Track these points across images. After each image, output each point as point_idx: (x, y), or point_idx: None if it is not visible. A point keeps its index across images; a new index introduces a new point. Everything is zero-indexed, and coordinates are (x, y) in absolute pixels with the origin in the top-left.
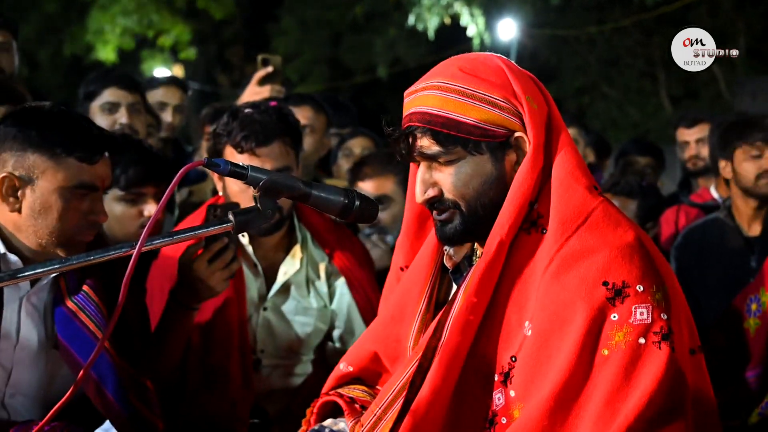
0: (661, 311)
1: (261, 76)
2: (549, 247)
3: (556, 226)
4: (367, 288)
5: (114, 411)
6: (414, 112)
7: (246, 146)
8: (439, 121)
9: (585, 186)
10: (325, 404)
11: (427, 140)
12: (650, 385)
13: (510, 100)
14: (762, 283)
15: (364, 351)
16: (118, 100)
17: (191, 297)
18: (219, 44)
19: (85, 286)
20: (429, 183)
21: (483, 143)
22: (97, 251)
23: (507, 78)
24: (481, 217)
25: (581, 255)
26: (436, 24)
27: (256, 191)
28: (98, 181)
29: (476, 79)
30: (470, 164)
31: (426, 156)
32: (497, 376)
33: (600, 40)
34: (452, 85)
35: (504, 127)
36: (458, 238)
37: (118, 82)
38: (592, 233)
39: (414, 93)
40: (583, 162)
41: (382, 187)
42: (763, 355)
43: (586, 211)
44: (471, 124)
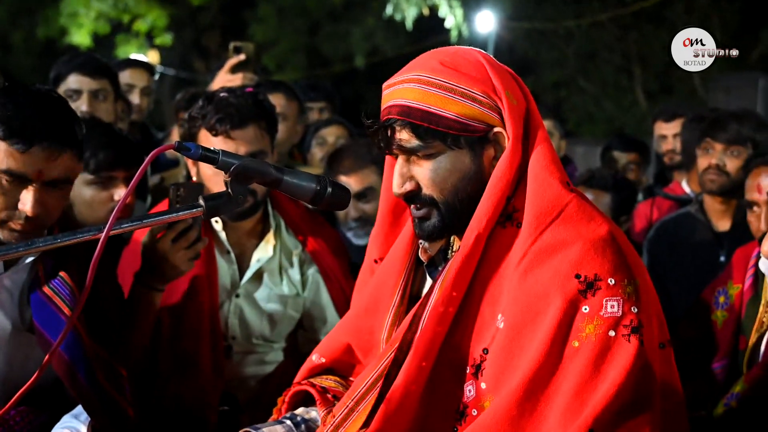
0: (632, 305)
1: (233, 63)
2: (523, 240)
3: (531, 220)
4: (339, 277)
5: (86, 395)
6: (393, 104)
7: (221, 129)
8: (419, 114)
9: (559, 180)
10: (297, 393)
11: (407, 133)
12: (618, 377)
13: (489, 95)
14: (730, 276)
15: (337, 342)
16: (80, 86)
17: (156, 278)
18: (195, 30)
19: (61, 271)
20: (407, 177)
21: (462, 138)
22: (65, 234)
23: (487, 73)
24: (458, 212)
25: (554, 248)
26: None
27: (227, 176)
28: (30, 171)
29: (456, 73)
30: (449, 159)
31: (404, 149)
32: (469, 369)
33: (578, 34)
34: (433, 78)
35: (483, 122)
36: (437, 235)
37: (81, 68)
38: (565, 227)
39: (393, 85)
40: (557, 157)
41: (365, 180)
42: (729, 347)
43: (560, 206)
44: (451, 119)
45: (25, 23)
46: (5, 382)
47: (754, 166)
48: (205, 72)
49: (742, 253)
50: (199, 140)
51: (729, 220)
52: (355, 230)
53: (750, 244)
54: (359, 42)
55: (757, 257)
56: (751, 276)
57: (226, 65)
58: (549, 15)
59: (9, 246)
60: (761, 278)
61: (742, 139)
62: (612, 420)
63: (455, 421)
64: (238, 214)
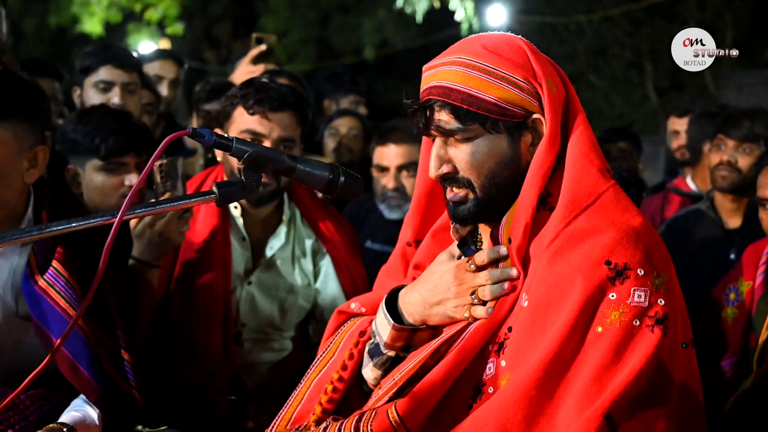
0: (659, 297)
1: (255, 54)
2: (556, 223)
3: (566, 204)
4: (352, 268)
5: (90, 387)
6: (434, 86)
7: (258, 109)
8: (460, 96)
9: (598, 168)
10: None
11: (446, 115)
12: (638, 364)
13: (530, 81)
14: (741, 273)
15: (380, 298)
16: (113, 79)
17: (153, 254)
18: (207, 20)
19: (54, 261)
20: (444, 159)
21: (501, 122)
22: (78, 219)
23: (528, 59)
24: (494, 196)
25: (587, 233)
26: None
27: (241, 163)
28: None
29: (499, 57)
30: (486, 142)
31: (443, 131)
32: (492, 346)
33: (589, 29)
34: (474, 61)
35: (522, 107)
36: (472, 219)
37: (114, 59)
38: (600, 214)
39: (434, 67)
40: (597, 145)
41: (413, 154)
42: (739, 345)
43: (597, 192)
44: (491, 102)
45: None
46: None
47: (766, 164)
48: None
49: (753, 250)
50: (232, 119)
51: (740, 217)
52: (389, 201)
53: (761, 241)
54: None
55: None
56: (763, 273)
57: (247, 56)
58: (560, 9)
59: (22, 230)
60: None
61: (754, 136)
62: (629, 406)
63: (470, 399)
64: (259, 198)
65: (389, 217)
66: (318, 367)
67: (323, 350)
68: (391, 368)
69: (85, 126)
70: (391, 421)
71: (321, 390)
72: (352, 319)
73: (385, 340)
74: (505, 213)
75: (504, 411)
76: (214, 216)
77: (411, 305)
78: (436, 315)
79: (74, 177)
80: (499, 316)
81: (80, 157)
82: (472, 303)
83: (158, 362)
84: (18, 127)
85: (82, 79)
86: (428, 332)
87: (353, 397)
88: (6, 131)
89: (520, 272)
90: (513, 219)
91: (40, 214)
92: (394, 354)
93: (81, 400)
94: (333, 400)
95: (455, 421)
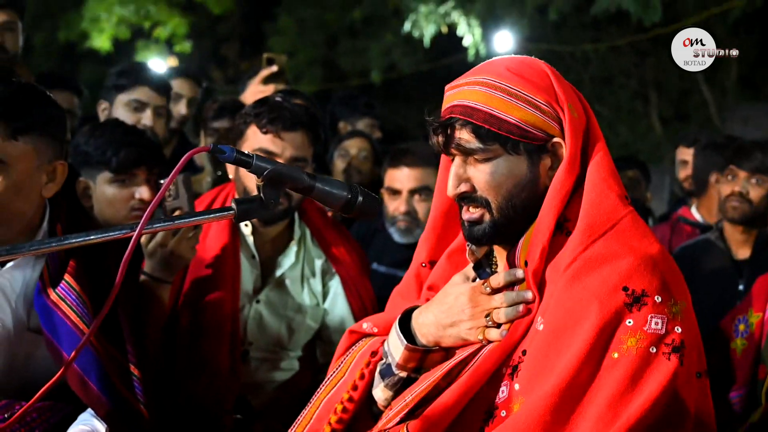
0: (676, 324)
1: (266, 75)
2: (573, 247)
3: (584, 229)
4: (361, 289)
5: (99, 402)
6: (456, 104)
7: (272, 128)
8: (482, 116)
9: (617, 194)
10: None
11: (467, 134)
12: (654, 392)
13: (552, 105)
14: (750, 304)
15: (393, 318)
16: (147, 100)
17: (165, 271)
18: (215, 39)
19: (66, 275)
20: (462, 178)
21: (521, 144)
22: (97, 231)
23: (551, 83)
24: (510, 218)
25: (605, 259)
26: (433, 32)
27: (260, 180)
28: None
29: (522, 80)
30: (506, 164)
31: (463, 150)
32: (506, 369)
33: (595, 58)
34: (498, 83)
35: (543, 130)
36: (487, 240)
37: (151, 82)
38: (618, 240)
39: (458, 87)
40: (616, 171)
41: (426, 178)
42: (747, 376)
43: (615, 218)
44: (513, 123)
45: (46, 25)
46: (8, 380)
47: None
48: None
49: (763, 281)
50: (245, 137)
51: (749, 248)
52: (399, 225)
53: None
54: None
55: None
56: None
57: (258, 76)
58: (567, 38)
59: (41, 241)
60: None
61: (766, 168)
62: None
63: (482, 422)
64: (271, 217)
65: (399, 241)
66: (328, 386)
67: (334, 370)
68: (402, 389)
69: (97, 139)
70: None
71: (330, 410)
72: (364, 339)
73: (398, 360)
74: (522, 236)
75: None
76: (225, 233)
77: (425, 326)
78: (450, 336)
79: (85, 190)
80: (513, 339)
81: (92, 170)
82: (487, 325)
83: (166, 378)
84: (38, 141)
85: (114, 95)
86: (441, 354)
87: (362, 418)
88: (27, 145)
89: (535, 295)
90: (530, 242)
91: (54, 228)
92: (405, 375)
93: (89, 413)
94: (342, 421)
95: None
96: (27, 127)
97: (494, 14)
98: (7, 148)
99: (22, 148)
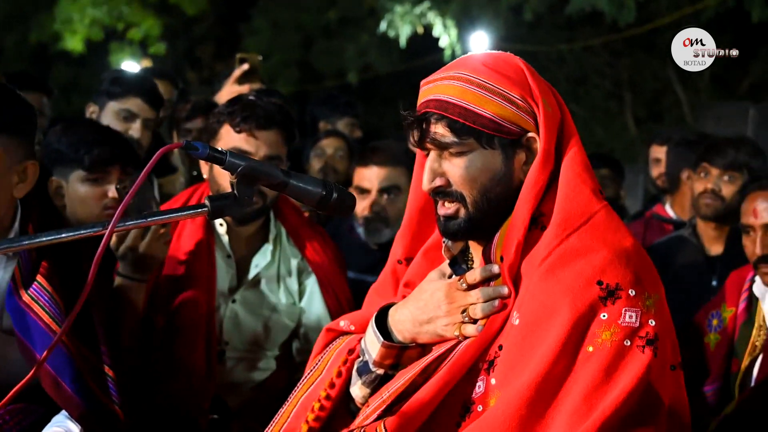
0: (650, 317)
1: (239, 74)
2: (548, 242)
3: (559, 223)
4: (337, 288)
5: (73, 403)
6: (431, 99)
7: (245, 127)
8: (456, 110)
9: (591, 188)
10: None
11: (442, 128)
12: (629, 385)
13: (527, 99)
14: (723, 299)
15: (370, 316)
16: (138, 111)
17: (138, 272)
18: (189, 41)
19: (38, 276)
20: (438, 172)
21: (496, 138)
22: (68, 229)
23: (526, 78)
24: (485, 212)
25: (579, 253)
26: (408, 32)
27: (234, 177)
28: None
29: (497, 74)
30: (481, 158)
31: (438, 144)
32: (482, 364)
33: (569, 58)
34: (473, 77)
35: (518, 125)
36: (462, 235)
37: (146, 94)
38: (592, 234)
39: (433, 81)
40: (590, 166)
41: (395, 177)
42: (721, 370)
43: (590, 212)
44: (487, 118)
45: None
46: None
47: (750, 191)
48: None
49: (736, 276)
50: (218, 137)
51: (721, 244)
52: (367, 226)
53: (744, 268)
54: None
55: (751, 281)
56: (745, 299)
57: (232, 76)
58: (542, 38)
59: (11, 239)
60: (755, 302)
61: (738, 165)
62: (619, 426)
63: (459, 417)
64: (245, 216)
65: (367, 242)
66: (305, 385)
67: (311, 368)
68: (379, 386)
69: (70, 137)
70: None
71: (308, 408)
72: (341, 337)
73: (375, 357)
74: (497, 231)
75: (494, 430)
76: (199, 233)
77: (401, 323)
78: (426, 333)
79: (57, 189)
80: (489, 334)
81: (64, 169)
82: (463, 321)
83: (142, 379)
84: (8, 141)
85: (105, 101)
86: (417, 350)
87: (340, 416)
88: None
89: (511, 290)
90: (505, 237)
91: (26, 228)
92: (382, 372)
93: (62, 415)
94: (320, 419)
95: None
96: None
97: (470, 15)
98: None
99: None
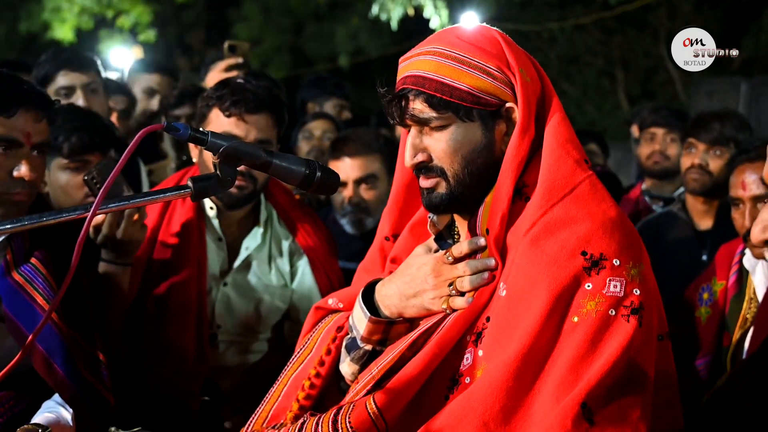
0: (634, 287)
1: (227, 65)
2: (532, 212)
3: (543, 193)
4: (328, 269)
5: (64, 385)
6: (408, 75)
7: (235, 111)
8: (433, 85)
9: (575, 159)
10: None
11: (420, 103)
12: (614, 354)
13: (503, 70)
14: (714, 272)
15: (357, 293)
16: (72, 83)
17: (120, 256)
18: (180, 27)
19: (33, 259)
20: (419, 148)
21: (474, 110)
22: (50, 213)
23: (502, 49)
24: (466, 184)
25: (563, 223)
26: (400, 15)
27: (216, 158)
28: (19, 135)
29: (472, 47)
30: (460, 131)
31: (417, 120)
32: (470, 336)
33: (561, 37)
34: (448, 51)
35: (496, 96)
36: (444, 207)
37: (69, 63)
38: (576, 204)
39: (410, 58)
40: (576, 137)
41: (370, 166)
42: (712, 344)
43: (574, 183)
44: (464, 90)
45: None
46: None
47: (738, 164)
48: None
49: (726, 249)
50: (208, 121)
51: (711, 219)
52: (350, 216)
53: (734, 241)
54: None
55: (741, 254)
56: (735, 273)
57: (220, 64)
58: (533, 17)
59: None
60: (745, 275)
61: (724, 139)
62: (605, 395)
63: (447, 389)
64: (235, 201)
65: (351, 233)
66: (295, 363)
67: (301, 347)
68: (368, 363)
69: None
70: (369, 413)
71: (298, 386)
72: (330, 315)
73: (362, 333)
74: (481, 204)
75: (481, 402)
76: (190, 216)
77: (388, 298)
78: (413, 307)
79: None
80: (477, 306)
81: None
82: (450, 294)
83: (133, 363)
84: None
85: (44, 89)
86: (405, 325)
87: (331, 394)
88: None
89: (498, 262)
90: (490, 209)
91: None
92: (371, 348)
93: (53, 401)
94: (310, 397)
95: (432, 412)
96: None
97: None
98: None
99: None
